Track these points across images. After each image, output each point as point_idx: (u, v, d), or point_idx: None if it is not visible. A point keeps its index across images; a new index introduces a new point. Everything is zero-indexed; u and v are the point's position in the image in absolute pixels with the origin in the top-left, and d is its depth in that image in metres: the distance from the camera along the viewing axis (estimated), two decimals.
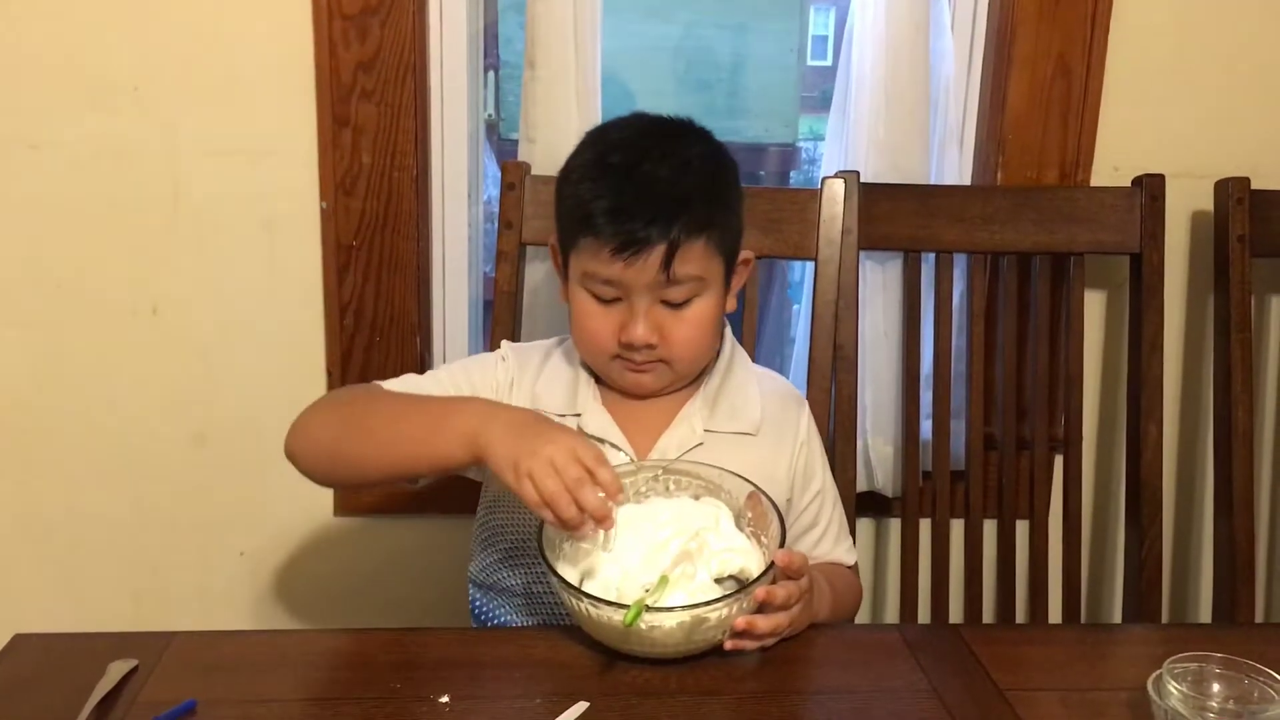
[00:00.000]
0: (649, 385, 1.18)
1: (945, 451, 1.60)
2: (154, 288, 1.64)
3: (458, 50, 1.64)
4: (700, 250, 1.12)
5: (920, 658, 1.06)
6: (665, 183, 1.10)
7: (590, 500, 0.98)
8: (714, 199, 1.14)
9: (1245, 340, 1.59)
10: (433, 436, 1.07)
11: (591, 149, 1.16)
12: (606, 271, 1.11)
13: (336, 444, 1.13)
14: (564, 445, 0.99)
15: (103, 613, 1.72)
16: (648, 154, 1.12)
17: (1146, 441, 1.59)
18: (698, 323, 1.15)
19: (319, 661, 1.05)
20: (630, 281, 1.11)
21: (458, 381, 1.22)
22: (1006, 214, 1.58)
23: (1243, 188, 1.59)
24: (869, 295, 1.64)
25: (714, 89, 2.87)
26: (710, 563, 1.04)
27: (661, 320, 1.13)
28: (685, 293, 1.13)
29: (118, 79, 1.57)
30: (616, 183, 1.11)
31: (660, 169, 1.11)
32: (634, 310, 1.13)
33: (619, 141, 1.15)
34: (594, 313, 1.15)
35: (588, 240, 1.11)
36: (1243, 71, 1.67)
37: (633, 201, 1.09)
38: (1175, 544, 1.82)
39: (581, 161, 1.16)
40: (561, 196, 1.18)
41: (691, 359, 1.18)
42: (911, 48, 1.59)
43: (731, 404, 1.22)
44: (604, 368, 1.19)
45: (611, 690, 0.98)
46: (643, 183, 1.10)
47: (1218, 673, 0.96)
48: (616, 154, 1.13)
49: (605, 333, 1.15)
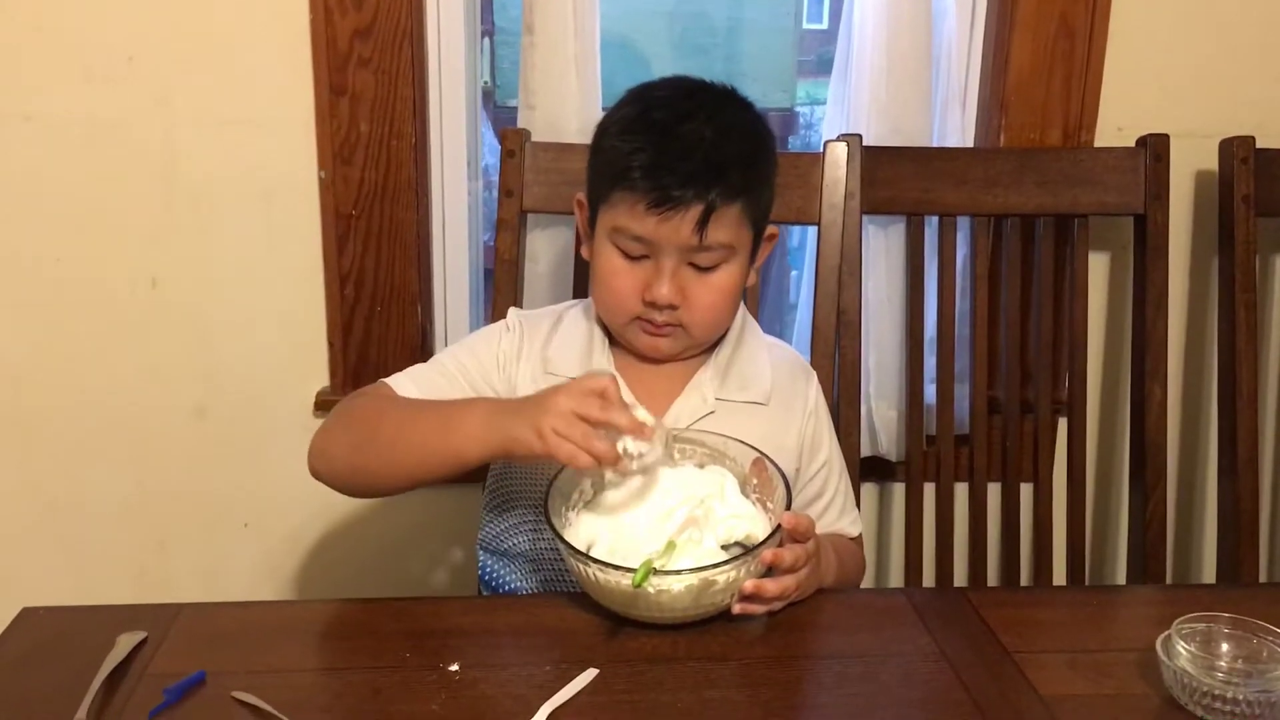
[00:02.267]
0: (665, 349, 1.18)
1: (949, 415, 1.60)
2: (152, 260, 1.63)
3: (455, 16, 1.63)
4: (734, 217, 1.11)
5: (928, 621, 1.06)
6: (708, 144, 1.09)
7: (623, 420, 0.99)
8: (753, 167, 1.13)
9: (1250, 301, 1.59)
10: (445, 441, 1.07)
11: (634, 104, 1.15)
12: (639, 228, 1.10)
13: (353, 460, 1.13)
14: (575, 391, 1.00)
15: (108, 587, 1.73)
16: (692, 115, 1.11)
17: (1151, 403, 1.59)
18: (722, 290, 1.15)
19: (328, 631, 1.05)
20: (662, 240, 1.10)
21: (463, 364, 1.21)
22: (1010, 176, 1.57)
23: (1247, 147, 1.58)
24: (872, 259, 1.63)
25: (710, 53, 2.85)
26: (716, 529, 1.04)
27: (686, 283, 1.13)
28: (714, 258, 1.13)
29: (112, 49, 1.55)
30: (657, 138, 1.10)
31: (704, 130, 1.10)
32: (660, 269, 1.12)
33: (663, 99, 1.14)
34: (620, 269, 1.14)
35: (622, 194, 1.10)
36: (1247, 30, 1.65)
37: (674, 159, 1.08)
38: (1179, 505, 1.82)
39: (622, 115, 1.15)
40: (598, 149, 1.17)
41: (710, 325, 1.18)
42: (913, 8, 1.57)
43: (743, 373, 1.22)
44: (621, 328, 1.19)
45: (620, 657, 0.98)
46: (685, 141, 1.09)
47: (1226, 633, 0.96)
48: (660, 110, 1.12)
49: (629, 290, 1.14)
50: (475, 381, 1.20)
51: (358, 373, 1.67)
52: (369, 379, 1.65)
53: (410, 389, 1.17)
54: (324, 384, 1.68)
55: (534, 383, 1.20)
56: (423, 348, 1.68)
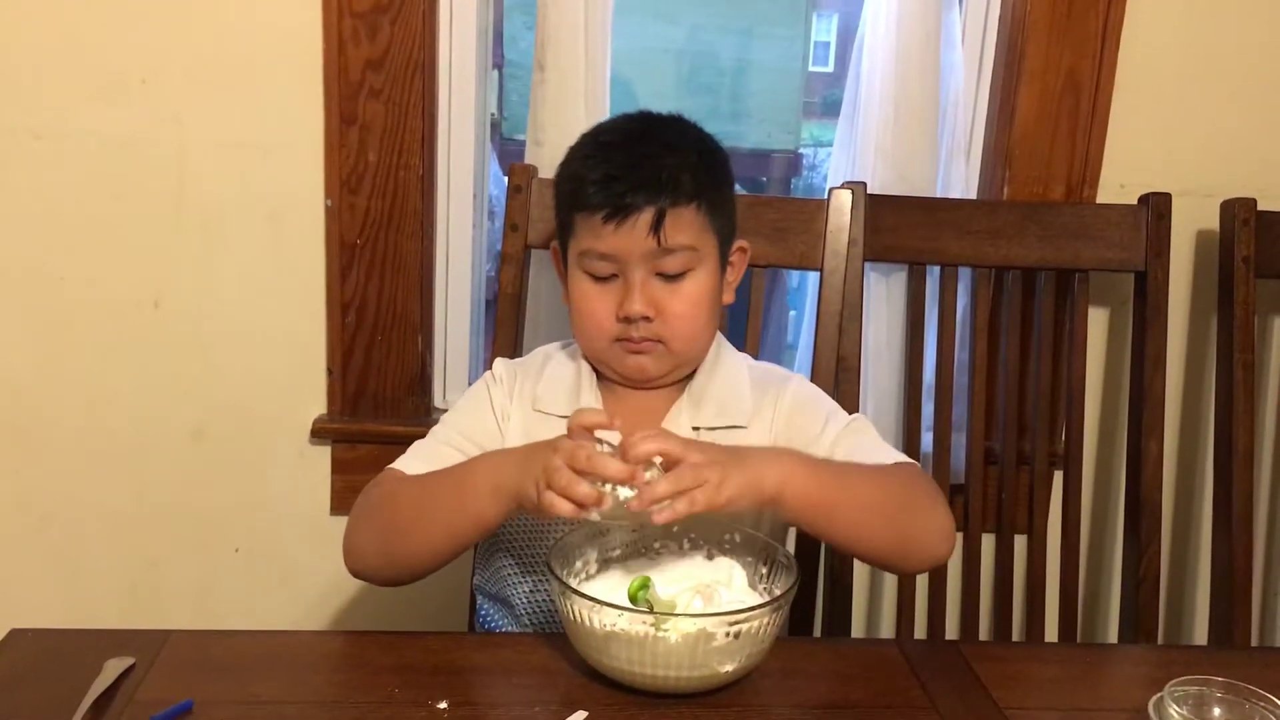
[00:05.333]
0: (649, 369, 1.18)
1: (946, 465, 1.60)
2: (157, 281, 1.64)
3: (467, 50, 1.64)
4: (691, 217, 1.14)
5: (920, 673, 1.05)
6: (655, 155, 1.14)
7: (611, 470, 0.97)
8: (703, 172, 1.16)
9: (1248, 361, 1.59)
10: (463, 511, 1.07)
11: (584, 138, 1.22)
12: (600, 245, 1.13)
13: (385, 551, 1.12)
14: (564, 446, 0.99)
15: (98, 606, 1.72)
16: (642, 135, 1.18)
17: (1147, 459, 1.59)
18: (694, 299, 1.16)
19: (317, 663, 1.05)
20: (623, 252, 1.13)
21: (463, 429, 1.21)
22: (1012, 228, 1.58)
23: (1249, 208, 1.59)
24: (873, 306, 1.64)
25: (717, 93, 2.87)
26: (720, 609, 1.02)
27: (657, 295, 1.15)
28: (679, 263, 1.14)
29: (125, 70, 1.56)
30: (607, 154, 1.15)
31: (651, 146, 1.15)
32: (630, 284, 1.14)
33: (610, 127, 1.22)
34: (591, 292, 1.16)
35: (581, 215, 1.15)
36: (1251, 91, 1.67)
37: (623, 169, 1.13)
38: (1172, 562, 1.82)
39: (571, 154, 1.21)
40: (557, 185, 1.23)
41: (688, 337, 1.18)
42: (922, 59, 1.59)
43: (719, 399, 1.21)
44: (604, 354, 1.19)
45: (609, 700, 0.97)
46: (634, 154, 1.15)
47: (1219, 697, 0.96)
48: (608, 134, 1.20)
49: (603, 312, 1.16)
50: (481, 441, 1.19)
51: (356, 400, 1.67)
52: (367, 407, 1.68)
53: (419, 468, 1.16)
54: (322, 410, 1.68)
55: (525, 421, 1.20)
56: (422, 377, 1.68)
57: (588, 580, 1.07)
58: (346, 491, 1.70)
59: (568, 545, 1.07)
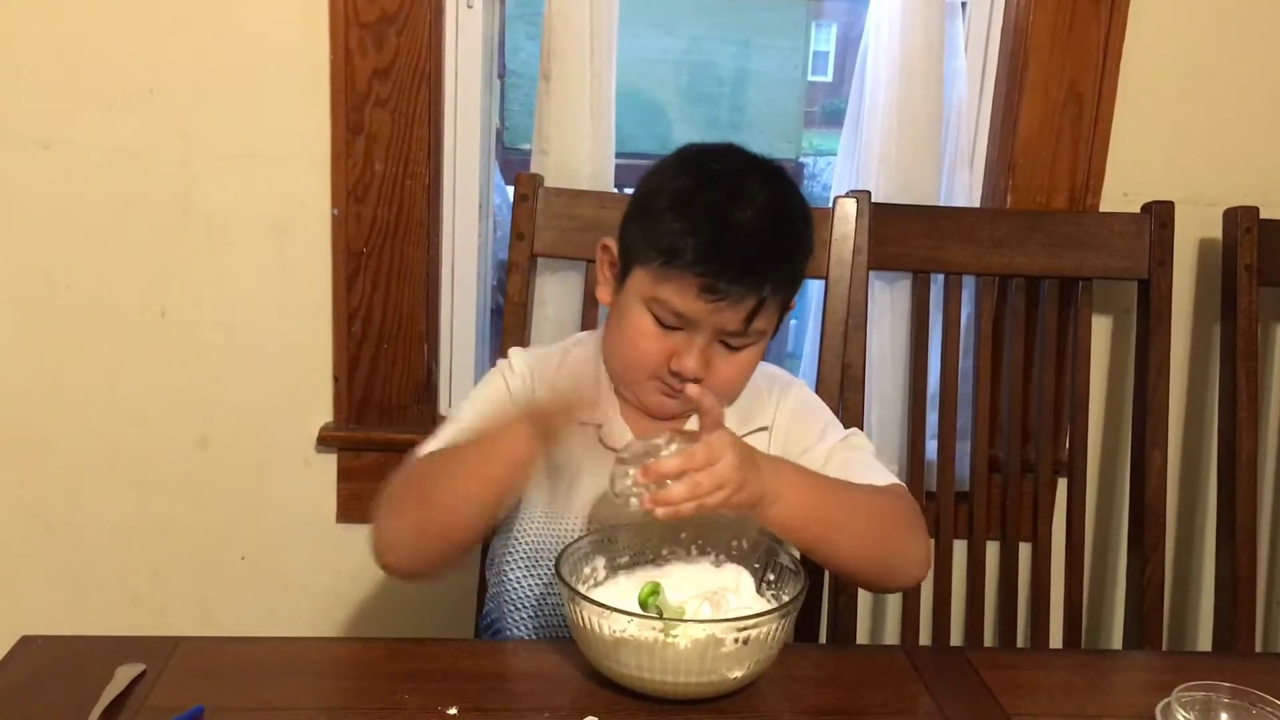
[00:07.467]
0: (674, 410, 1.16)
1: (950, 472, 1.60)
2: (162, 289, 1.64)
3: (473, 60, 1.64)
4: (777, 306, 1.12)
5: (927, 680, 1.06)
6: (762, 235, 1.08)
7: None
8: (800, 258, 1.13)
9: (1251, 369, 1.60)
10: (493, 451, 1.06)
11: (689, 176, 1.12)
12: (685, 308, 1.08)
13: (416, 529, 1.09)
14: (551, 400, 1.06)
15: (103, 614, 1.72)
16: (749, 198, 1.08)
17: (1151, 467, 1.59)
18: (745, 366, 1.15)
19: (327, 670, 1.05)
20: (703, 321, 1.09)
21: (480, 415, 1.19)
22: (1016, 237, 1.59)
23: (1251, 217, 1.60)
24: (877, 315, 1.64)
25: (718, 103, 2.87)
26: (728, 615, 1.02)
27: (713, 357, 1.12)
28: (748, 342, 1.13)
29: (132, 80, 1.57)
30: (712, 224, 1.07)
31: (760, 219, 1.08)
32: (692, 343, 1.10)
33: (717, 174, 1.11)
34: (650, 334, 1.12)
35: (671, 272, 1.07)
36: (1253, 100, 1.68)
37: (729, 248, 1.06)
38: (1176, 570, 1.82)
39: (677, 186, 1.11)
40: (648, 211, 1.12)
41: (727, 397, 1.15)
42: (925, 69, 1.60)
43: (740, 407, 1.20)
44: (635, 385, 1.16)
45: (619, 706, 0.97)
46: (740, 230, 1.07)
47: (1225, 702, 0.96)
48: (713, 189, 1.09)
49: (656, 355, 1.12)
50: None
51: (362, 409, 1.67)
52: (373, 415, 1.68)
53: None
54: (328, 419, 1.69)
55: None
56: (427, 386, 1.69)
57: (596, 587, 1.07)
58: (352, 499, 1.70)
59: (576, 552, 1.07)
